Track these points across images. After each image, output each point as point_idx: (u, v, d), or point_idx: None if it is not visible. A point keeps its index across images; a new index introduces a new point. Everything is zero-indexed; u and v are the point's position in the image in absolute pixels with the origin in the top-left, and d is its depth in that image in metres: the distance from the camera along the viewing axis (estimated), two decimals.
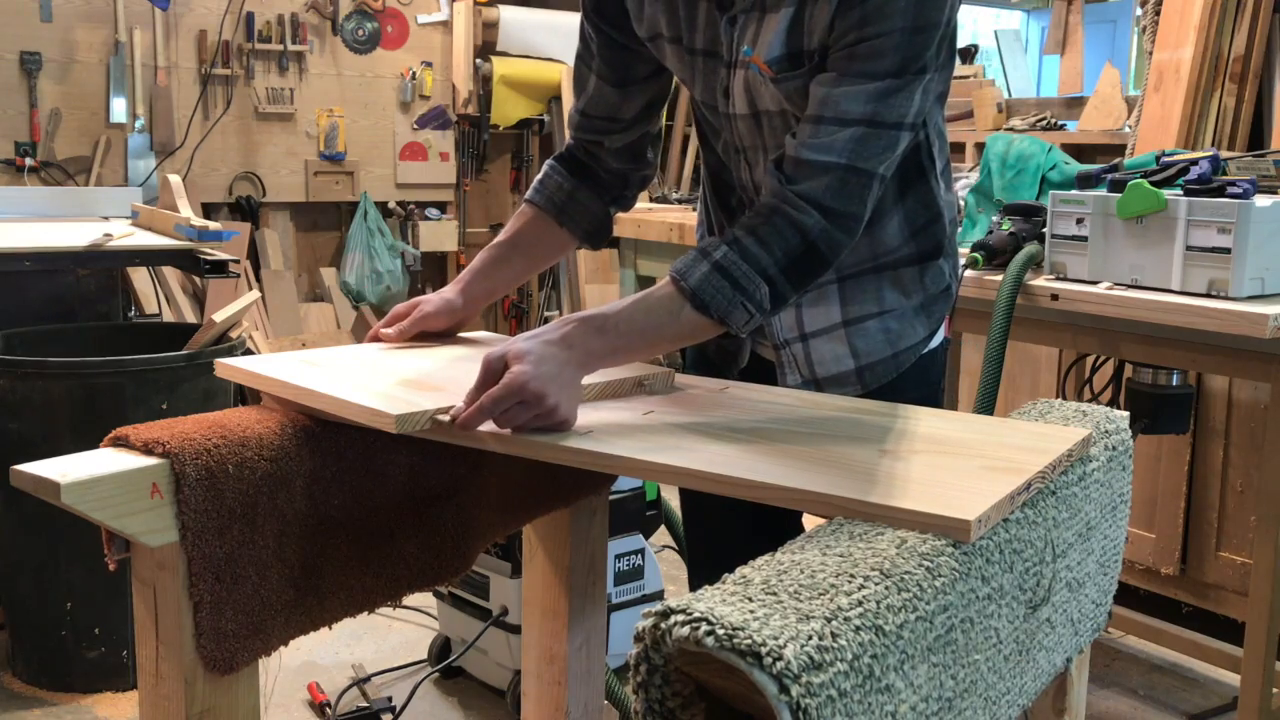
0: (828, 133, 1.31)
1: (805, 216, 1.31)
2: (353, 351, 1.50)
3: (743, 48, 1.41)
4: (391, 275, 5.50)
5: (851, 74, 1.30)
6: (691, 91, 1.56)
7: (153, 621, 1.17)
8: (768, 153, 1.49)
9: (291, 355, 1.43)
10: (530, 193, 1.65)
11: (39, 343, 2.95)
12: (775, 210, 1.32)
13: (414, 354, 1.50)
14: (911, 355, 1.59)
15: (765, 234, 1.31)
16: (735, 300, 1.29)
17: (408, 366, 1.42)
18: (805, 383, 1.58)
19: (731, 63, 1.45)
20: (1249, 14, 3.14)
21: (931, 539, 1.01)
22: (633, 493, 2.82)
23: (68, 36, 4.75)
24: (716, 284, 1.29)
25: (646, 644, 0.85)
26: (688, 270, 1.30)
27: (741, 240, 1.31)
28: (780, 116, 1.45)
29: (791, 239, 1.31)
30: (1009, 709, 1.14)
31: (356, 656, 3.01)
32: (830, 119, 1.31)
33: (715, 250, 1.30)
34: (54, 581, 2.75)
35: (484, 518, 1.49)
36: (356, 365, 1.41)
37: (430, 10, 5.65)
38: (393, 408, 1.19)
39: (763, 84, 1.42)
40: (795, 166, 1.33)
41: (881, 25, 1.28)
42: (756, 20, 1.40)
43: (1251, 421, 2.97)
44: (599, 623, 1.72)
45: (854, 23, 1.30)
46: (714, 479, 1.10)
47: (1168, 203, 2.12)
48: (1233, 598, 3.04)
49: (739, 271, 1.29)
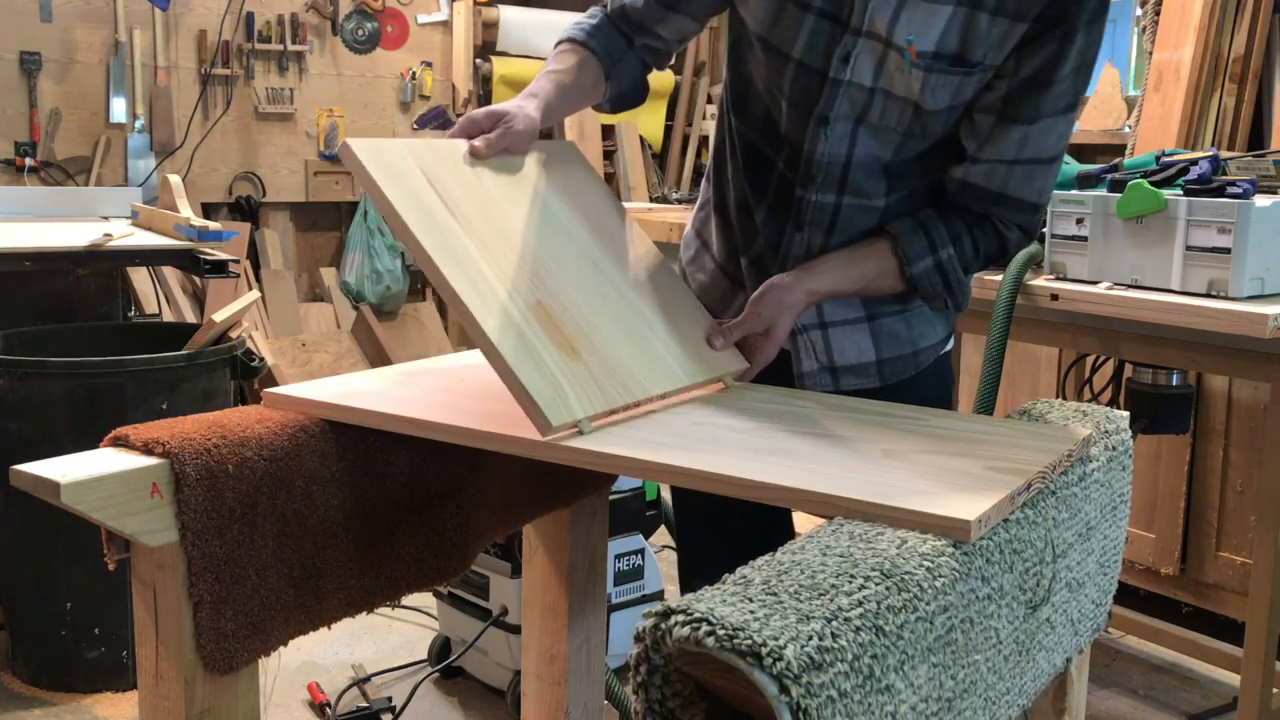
0: (1027, 174, 1.48)
1: (1010, 232, 1.53)
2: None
3: (907, 36, 1.39)
4: (391, 275, 5.50)
5: (1044, 113, 1.44)
6: (771, 41, 1.48)
7: (153, 621, 1.17)
8: (860, 125, 1.47)
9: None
10: (581, 35, 1.59)
11: (39, 343, 2.95)
12: (985, 219, 1.52)
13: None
14: (931, 354, 1.63)
15: (979, 237, 1.52)
16: (941, 295, 1.52)
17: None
18: (821, 369, 1.58)
19: (861, 30, 1.42)
20: (1249, 14, 3.14)
21: (932, 539, 1.01)
22: (633, 493, 2.82)
23: (68, 36, 4.74)
24: (932, 279, 1.50)
25: (647, 644, 0.85)
26: (914, 257, 1.49)
27: (961, 242, 1.51)
28: (898, 101, 1.44)
29: (994, 246, 1.54)
30: (1009, 709, 1.14)
31: (356, 656, 3.01)
32: (1028, 160, 1.47)
33: (941, 249, 1.50)
34: (54, 581, 2.75)
35: (484, 518, 1.49)
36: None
37: (430, 10, 5.65)
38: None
39: (904, 70, 1.41)
40: (998, 200, 1.50)
41: (1064, 67, 1.41)
42: (899, 1, 1.39)
43: (1251, 421, 2.97)
44: (599, 623, 1.72)
45: (1044, 62, 1.40)
46: (714, 479, 1.10)
47: (1168, 203, 2.12)
48: (1233, 598, 3.04)
49: (954, 276, 1.51)
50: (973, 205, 1.51)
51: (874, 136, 1.48)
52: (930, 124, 1.46)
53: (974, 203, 1.51)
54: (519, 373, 1.19)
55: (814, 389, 1.57)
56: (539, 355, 1.23)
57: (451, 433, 1.23)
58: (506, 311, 1.25)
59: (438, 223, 1.28)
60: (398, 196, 1.27)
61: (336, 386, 1.36)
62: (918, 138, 1.48)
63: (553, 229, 1.42)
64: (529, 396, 1.18)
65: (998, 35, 1.39)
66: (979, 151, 1.48)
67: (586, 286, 1.39)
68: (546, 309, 1.30)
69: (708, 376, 1.42)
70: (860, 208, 1.52)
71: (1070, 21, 1.38)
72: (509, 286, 1.29)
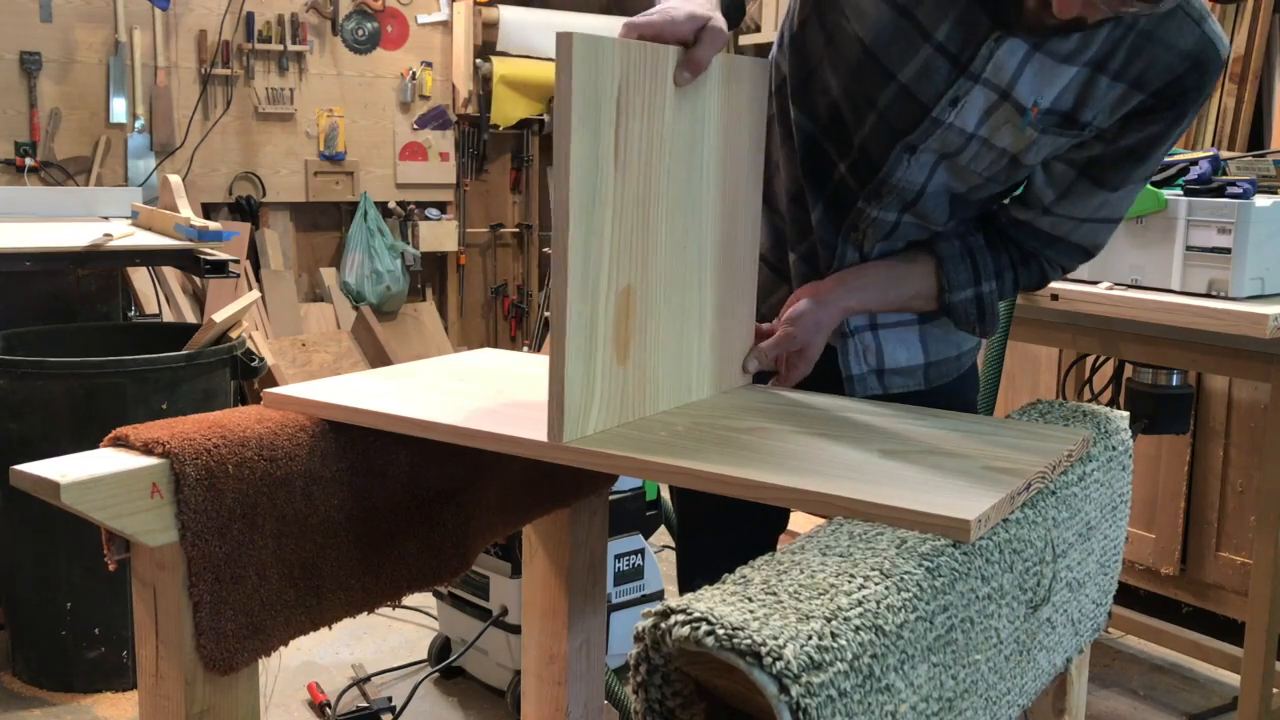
0: (1094, 230, 1.50)
1: (1052, 271, 1.55)
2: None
3: (1034, 97, 1.35)
4: (391, 275, 5.50)
5: (1131, 181, 1.45)
6: (877, 54, 1.38)
7: (153, 621, 1.16)
8: (944, 160, 1.43)
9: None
10: None
11: (39, 343, 2.95)
12: (1034, 256, 1.53)
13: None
14: (970, 358, 1.65)
15: (1022, 275, 1.54)
16: (973, 324, 1.52)
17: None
18: (869, 371, 1.56)
19: (979, 77, 1.36)
20: (1249, 14, 3.14)
21: (931, 539, 1.01)
22: (633, 493, 2.82)
23: (68, 36, 4.74)
24: (969, 310, 1.50)
25: (646, 644, 0.85)
26: (956, 286, 1.49)
27: (1004, 277, 1.52)
28: (994, 151, 1.41)
29: (1035, 280, 1.56)
30: (1009, 709, 1.14)
31: (356, 656, 3.01)
32: (1101, 219, 1.49)
33: (985, 281, 1.50)
34: (54, 581, 2.75)
35: (484, 518, 1.49)
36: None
37: (430, 10, 5.65)
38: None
39: (1016, 126, 1.37)
40: (1055, 244, 1.51)
41: (1164, 146, 1.42)
42: (1025, 55, 1.34)
43: (1251, 421, 2.97)
44: (599, 623, 1.72)
45: (1149, 138, 1.40)
46: (714, 479, 1.10)
47: (1168, 203, 2.12)
48: (1233, 598, 3.04)
49: (990, 309, 1.51)
50: (1027, 243, 1.51)
51: (955, 174, 1.45)
52: (1017, 174, 1.45)
53: (1029, 241, 1.51)
54: (569, 372, 1.15)
55: (860, 393, 1.56)
56: (594, 355, 1.18)
57: (451, 433, 1.23)
58: (595, 295, 1.16)
59: (600, 166, 1.14)
60: (580, 120, 1.10)
61: (336, 386, 1.36)
62: (999, 182, 1.47)
63: (689, 192, 1.29)
64: (561, 404, 1.15)
65: (1113, 100, 1.37)
66: (1055, 205, 1.46)
67: (679, 269, 1.29)
68: (631, 295, 1.21)
69: (723, 390, 1.41)
70: (918, 227, 1.51)
71: (1185, 106, 1.37)
72: (615, 261, 1.18)
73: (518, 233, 6.13)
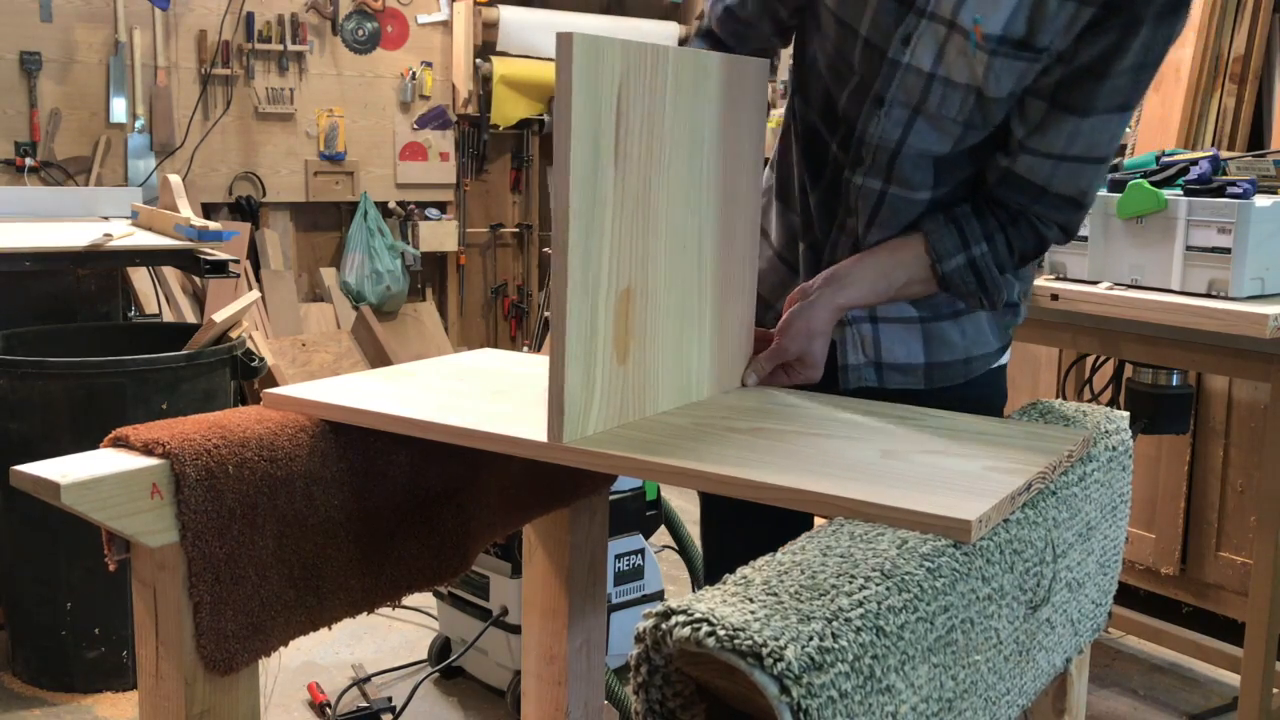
0: (1074, 171, 1.44)
1: (1048, 230, 1.49)
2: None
3: (973, 15, 1.36)
4: (391, 275, 5.50)
5: (1098, 107, 1.39)
6: (841, 15, 1.45)
7: (153, 621, 1.16)
8: (918, 115, 1.44)
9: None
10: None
11: (39, 343, 2.95)
12: (1022, 215, 1.48)
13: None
14: (983, 364, 1.60)
15: (1014, 236, 1.48)
16: (975, 293, 1.49)
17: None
18: (866, 363, 1.55)
19: (925, 11, 1.38)
20: (1249, 14, 3.14)
21: (932, 539, 1.01)
22: (633, 493, 2.82)
23: (68, 36, 4.75)
24: (965, 277, 1.47)
25: (647, 644, 0.85)
26: (945, 254, 1.46)
27: (995, 240, 1.47)
28: (958, 89, 1.41)
29: (1030, 245, 1.49)
30: (1009, 709, 1.14)
31: (356, 656, 3.01)
32: (1076, 157, 1.43)
33: (975, 245, 1.46)
34: (54, 581, 2.75)
35: (484, 518, 1.49)
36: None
37: (430, 10, 5.65)
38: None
39: (967, 54, 1.38)
40: (1040, 196, 1.46)
41: (1124, 60, 1.36)
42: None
43: (1251, 421, 2.97)
44: (599, 623, 1.72)
45: (1104, 50, 1.36)
46: (714, 479, 1.10)
47: (1168, 203, 2.12)
48: (1233, 598, 3.04)
49: (989, 275, 1.47)
50: (1012, 200, 1.47)
51: (933, 128, 1.45)
52: (992, 112, 1.43)
53: (1014, 197, 1.47)
54: (569, 372, 1.15)
55: (856, 383, 1.55)
56: (594, 356, 1.18)
57: (451, 433, 1.23)
58: (596, 296, 1.17)
59: (600, 166, 1.15)
60: (580, 120, 1.11)
61: (336, 386, 1.36)
62: (978, 128, 1.45)
63: (689, 192, 1.31)
64: (561, 404, 1.15)
65: (1065, 18, 1.35)
66: (1027, 139, 1.43)
67: (679, 269, 1.30)
68: (631, 295, 1.22)
69: (723, 390, 1.41)
70: (905, 199, 1.49)
71: (1136, 11, 1.34)
72: (615, 261, 1.19)
73: (518, 233, 6.13)
